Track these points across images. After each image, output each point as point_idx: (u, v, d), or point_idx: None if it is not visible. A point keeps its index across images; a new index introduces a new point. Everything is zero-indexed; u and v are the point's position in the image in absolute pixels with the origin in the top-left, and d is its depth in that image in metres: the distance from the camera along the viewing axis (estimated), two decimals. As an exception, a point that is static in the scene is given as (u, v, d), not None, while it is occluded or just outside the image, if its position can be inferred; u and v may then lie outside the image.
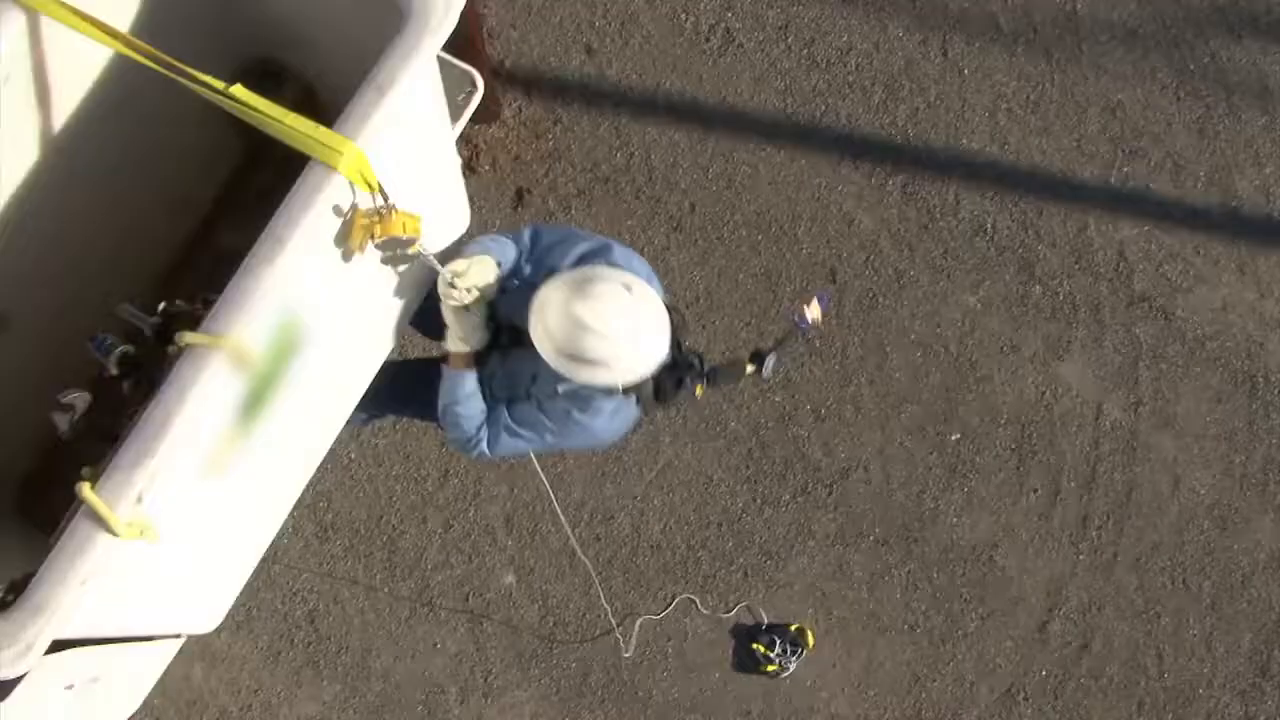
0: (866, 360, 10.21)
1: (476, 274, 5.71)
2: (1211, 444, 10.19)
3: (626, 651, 9.87)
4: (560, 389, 5.72)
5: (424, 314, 6.34)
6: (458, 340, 6.03)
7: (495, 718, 10.04)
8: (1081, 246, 10.29)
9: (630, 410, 6.00)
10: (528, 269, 5.98)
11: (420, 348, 8.76)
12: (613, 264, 5.78)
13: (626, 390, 5.69)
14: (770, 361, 6.49)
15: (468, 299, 5.72)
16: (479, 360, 6.00)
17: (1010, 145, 10.42)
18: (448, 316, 5.90)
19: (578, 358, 5.38)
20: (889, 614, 10.08)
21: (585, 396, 5.72)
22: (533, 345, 5.47)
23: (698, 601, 10.00)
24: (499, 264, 5.83)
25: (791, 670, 9.95)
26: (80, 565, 5.26)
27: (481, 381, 6.01)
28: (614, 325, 5.29)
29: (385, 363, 6.54)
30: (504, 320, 5.88)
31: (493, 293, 5.73)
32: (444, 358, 6.14)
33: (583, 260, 5.87)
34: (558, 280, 5.47)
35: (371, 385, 6.63)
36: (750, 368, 6.52)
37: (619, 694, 10.05)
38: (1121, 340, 10.23)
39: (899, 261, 10.29)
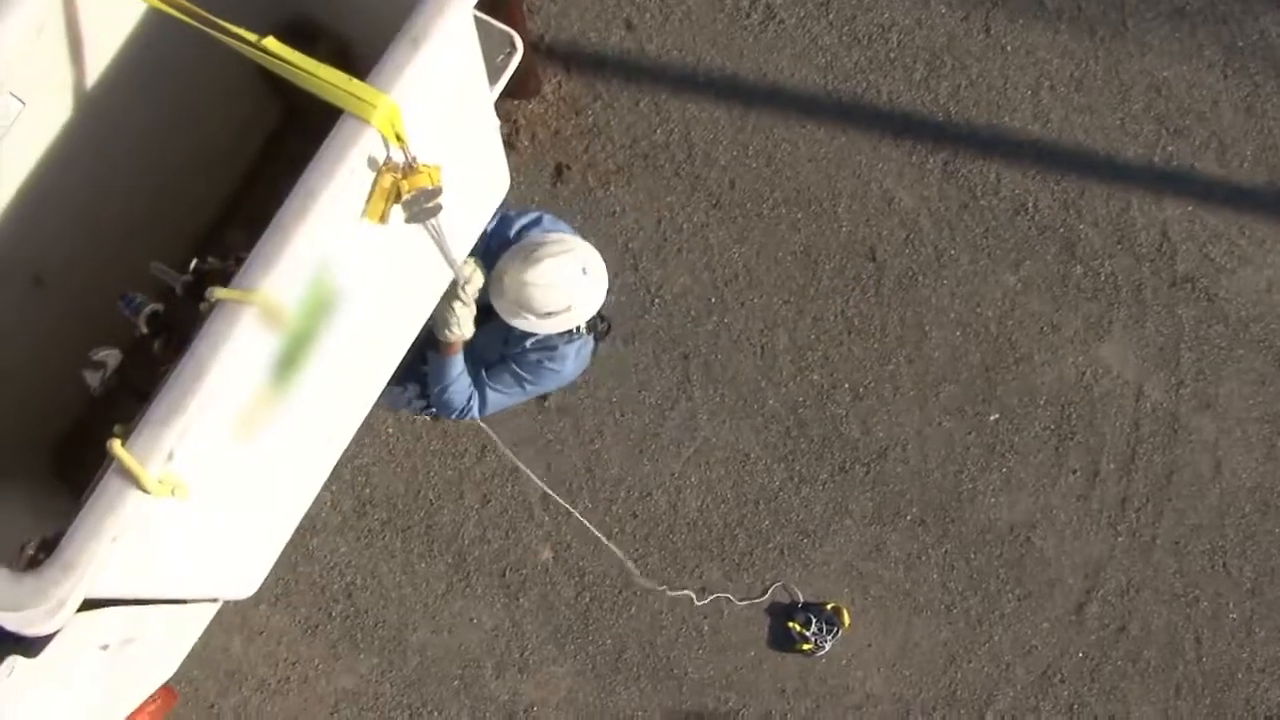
0: (906, 339, 10.16)
1: (479, 277, 6.35)
2: (1254, 427, 10.09)
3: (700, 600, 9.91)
4: (529, 344, 6.53)
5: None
6: (453, 331, 6.56)
7: (531, 692, 10.05)
8: (1124, 226, 10.20)
9: (589, 346, 6.86)
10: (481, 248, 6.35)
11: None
12: (546, 230, 6.55)
13: (583, 330, 6.56)
14: None
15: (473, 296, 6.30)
16: None
17: (1053, 123, 10.33)
18: (453, 314, 6.48)
19: (538, 313, 6.21)
20: (925, 594, 10.03)
21: (551, 345, 6.50)
22: (497, 316, 6.32)
23: (733, 598, 10.05)
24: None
25: (827, 649, 9.92)
26: (111, 522, 5.27)
27: None
28: (560, 276, 6.15)
29: None
30: None
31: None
32: (428, 345, 6.67)
33: (523, 232, 6.59)
34: (506, 255, 6.24)
35: None
36: None
37: (654, 670, 10.05)
38: (1163, 321, 10.14)
39: (939, 240, 10.23)
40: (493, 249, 6.47)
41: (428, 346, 6.71)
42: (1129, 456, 10.02)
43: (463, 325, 6.51)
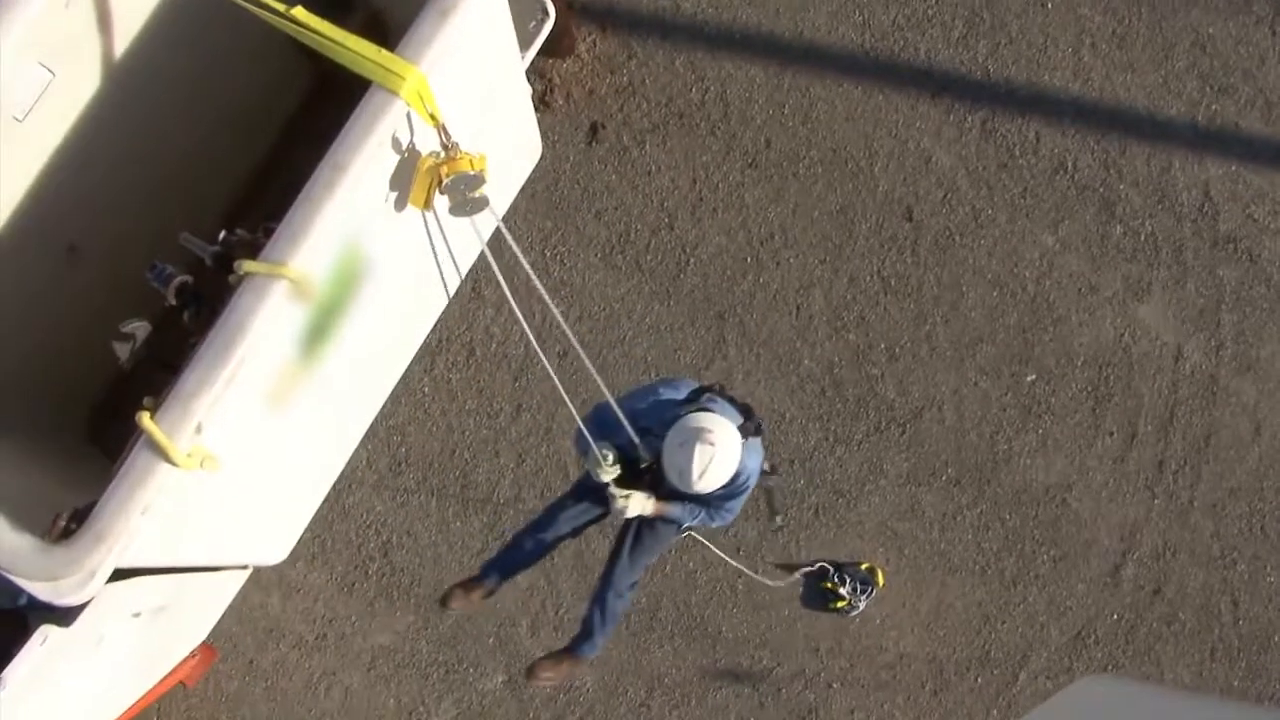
0: (942, 299, 10.09)
1: (633, 504, 6.98)
2: (1296, 389, 10.00)
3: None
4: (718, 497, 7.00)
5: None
6: (645, 507, 7.06)
7: (565, 650, 10.11)
8: (1165, 186, 10.07)
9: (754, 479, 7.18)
10: (637, 438, 6.83)
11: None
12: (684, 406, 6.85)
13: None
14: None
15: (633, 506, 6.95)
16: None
17: (1094, 82, 10.19)
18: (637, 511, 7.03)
19: (717, 488, 6.65)
20: (960, 554, 10.01)
21: (733, 492, 6.95)
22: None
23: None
24: (609, 457, 6.81)
25: (861, 609, 9.93)
26: (140, 494, 5.34)
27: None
28: (722, 467, 6.52)
29: None
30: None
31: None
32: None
33: (665, 408, 6.87)
34: (668, 456, 6.51)
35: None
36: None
37: (689, 629, 10.10)
38: (1204, 282, 10.02)
39: (977, 200, 10.14)
40: (642, 425, 6.83)
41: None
42: (1167, 418, 9.95)
43: (631, 510, 7.00)
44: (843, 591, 9.93)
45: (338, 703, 10.19)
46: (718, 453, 6.44)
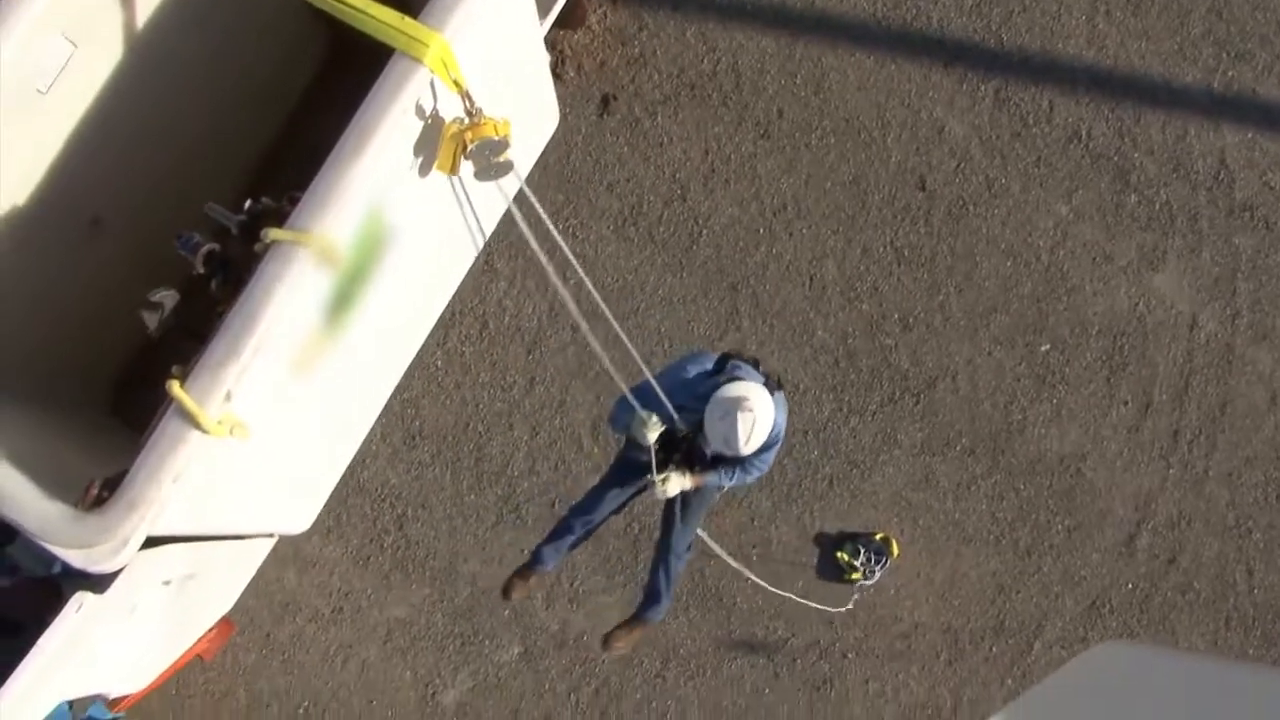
0: (955, 269, 10.08)
1: (673, 484, 7.24)
2: (1310, 357, 10.00)
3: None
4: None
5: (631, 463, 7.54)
6: (684, 483, 7.31)
7: (581, 622, 10.14)
8: (1180, 154, 10.05)
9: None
10: (675, 412, 7.07)
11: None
12: (716, 376, 7.05)
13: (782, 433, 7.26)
14: None
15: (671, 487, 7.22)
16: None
17: (1108, 49, 10.16)
18: (676, 490, 7.28)
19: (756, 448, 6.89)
20: (974, 524, 10.02)
21: (767, 445, 7.06)
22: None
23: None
24: (653, 425, 6.97)
25: (875, 579, 9.94)
26: (171, 462, 5.35)
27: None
28: (761, 426, 6.74)
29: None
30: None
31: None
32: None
33: (696, 383, 7.07)
34: (710, 422, 6.76)
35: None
36: None
37: (703, 600, 10.11)
38: (1220, 251, 10.01)
39: (990, 169, 10.12)
40: (677, 403, 7.06)
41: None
42: (1182, 388, 9.95)
43: (671, 491, 7.25)
44: (856, 563, 9.92)
45: (354, 675, 10.20)
46: (758, 417, 6.71)
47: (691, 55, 10.33)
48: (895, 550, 9.96)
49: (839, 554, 9.97)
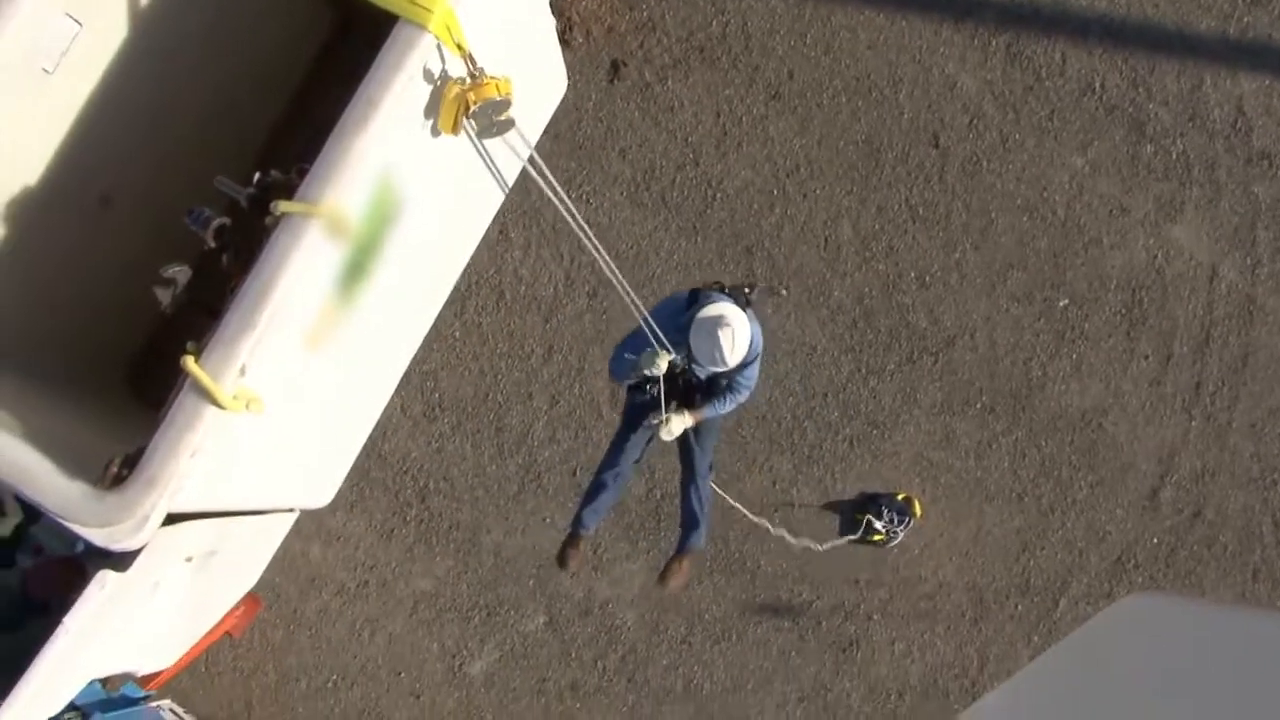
0: (971, 226, 10.02)
1: (675, 425, 7.57)
2: (1332, 305, 9.92)
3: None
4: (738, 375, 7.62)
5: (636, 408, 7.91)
6: (686, 421, 7.63)
7: (605, 590, 10.16)
8: (1196, 103, 9.96)
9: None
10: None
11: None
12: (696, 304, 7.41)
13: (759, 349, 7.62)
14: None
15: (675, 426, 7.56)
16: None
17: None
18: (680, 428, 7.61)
19: (738, 362, 7.26)
20: (996, 482, 10.00)
21: (747, 360, 7.45)
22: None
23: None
24: (662, 355, 7.34)
25: (899, 539, 9.93)
26: (189, 438, 5.35)
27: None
28: (740, 341, 7.14)
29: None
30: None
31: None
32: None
33: (676, 317, 7.38)
34: (696, 343, 7.14)
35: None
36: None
37: (727, 565, 10.12)
38: (1238, 200, 9.92)
39: (1003, 124, 10.04)
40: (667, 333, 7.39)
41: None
42: (1203, 340, 9.88)
43: (675, 431, 7.56)
44: (879, 524, 9.91)
45: (381, 648, 10.25)
46: (736, 329, 7.13)
47: (700, 18, 10.27)
48: (918, 510, 9.94)
49: (861, 515, 9.95)
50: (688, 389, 7.72)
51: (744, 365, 7.44)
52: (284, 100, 7.63)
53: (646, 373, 7.36)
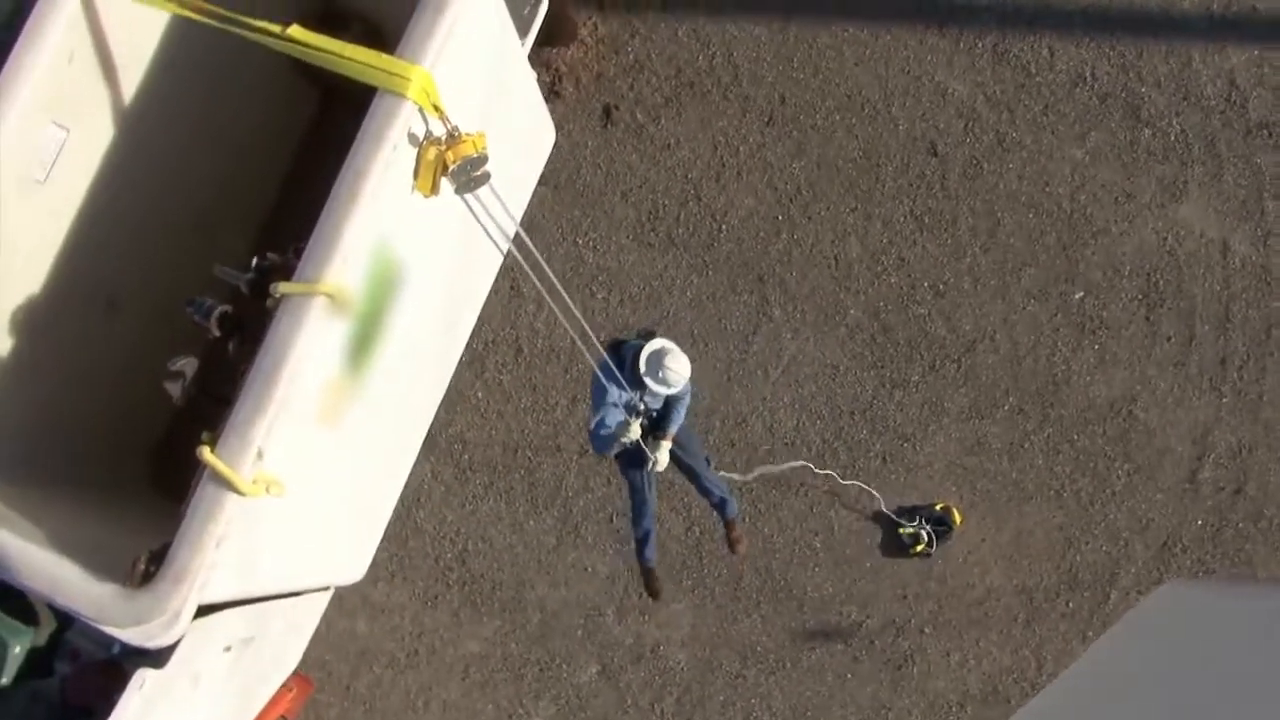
0: (978, 229, 10.00)
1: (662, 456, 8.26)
2: (1350, 266, 9.83)
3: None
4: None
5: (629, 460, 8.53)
6: (667, 447, 8.29)
7: (654, 632, 10.12)
8: (1188, 81, 9.93)
9: None
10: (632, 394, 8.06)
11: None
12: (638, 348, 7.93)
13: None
14: None
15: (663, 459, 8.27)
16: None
17: (1101, -14, 10.07)
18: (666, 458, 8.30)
19: (682, 383, 7.87)
20: (1033, 481, 9.93)
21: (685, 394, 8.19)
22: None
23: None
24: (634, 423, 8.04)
25: (942, 548, 9.85)
26: (213, 528, 5.38)
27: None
28: (680, 363, 7.77)
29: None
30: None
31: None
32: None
33: (621, 372, 7.95)
34: (646, 373, 7.69)
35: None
36: None
37: (774, 594, 10.07)
38: (1242, 173, 9.87)
39: (999, 125, 10.04)
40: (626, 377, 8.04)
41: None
42: (1223, 316, 9.81)
43: (663, 460, 8.23)
44: (920, 535, 9.86)
45: (437, 716, 10.24)
46: (673, 350, 7.79)
47: (686, 54, 10.33)
48: (957, 518, 9.88)
49: (901, 529, 9.90)
50: (651, 422, 8.29)
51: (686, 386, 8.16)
52: (278, 180, 7.71)
53: (625, 441, 7.99)
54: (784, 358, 10.11)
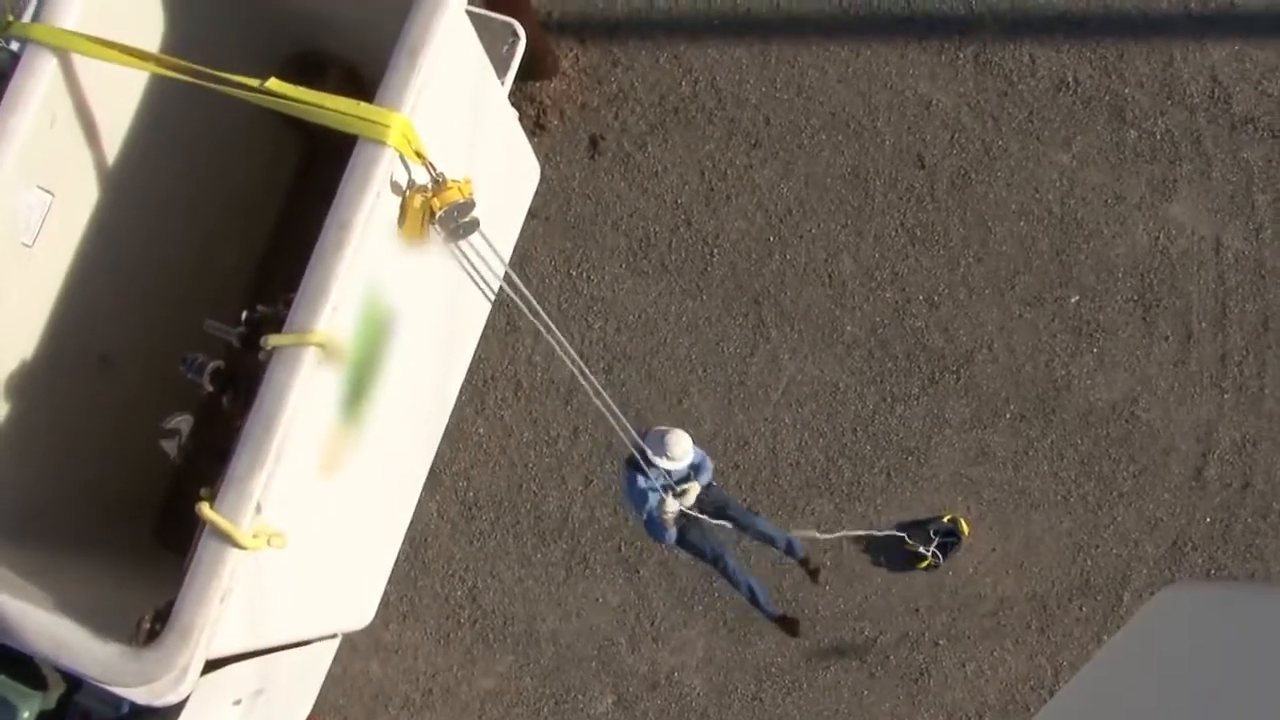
0: (970, 239, 10.01)
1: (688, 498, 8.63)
2: (1344, 256, 9.82)
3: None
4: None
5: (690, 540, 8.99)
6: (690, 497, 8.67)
7: (669, 659, 10.11)
8: (1170, 80, 9.95)
9: None
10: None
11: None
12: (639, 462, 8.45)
13: None
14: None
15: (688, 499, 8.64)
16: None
17: (1078, -9, 10.09)
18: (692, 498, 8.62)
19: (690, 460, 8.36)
20: (1039, 489, 9.91)
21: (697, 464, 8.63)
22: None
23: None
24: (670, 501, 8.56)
25: (950, 561, 9.84)
26: (215, 584, 5.39)
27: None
28: (684, 440, 8.23)
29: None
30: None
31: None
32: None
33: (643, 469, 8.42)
34: (654, 454, 8.17)
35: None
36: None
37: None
38: (1230, 168, 9.88)
39: (985, 134, 10.06)
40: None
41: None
42: (1219, 312, 9.81)
43: (688, 499, 8.54)
44: (929, 549, 9.83)
45: (456, 755, 10.23)
46: (670, 430, 8.31)
47: (669, 80, 10.36)
48: (965, 529, 9.86)
49: (908, 543, 9.88)
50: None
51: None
52: (266, 232, 7.73)
53: (669, 515, 8.50)
54: (783, 378, 10.11)
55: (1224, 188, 9.84)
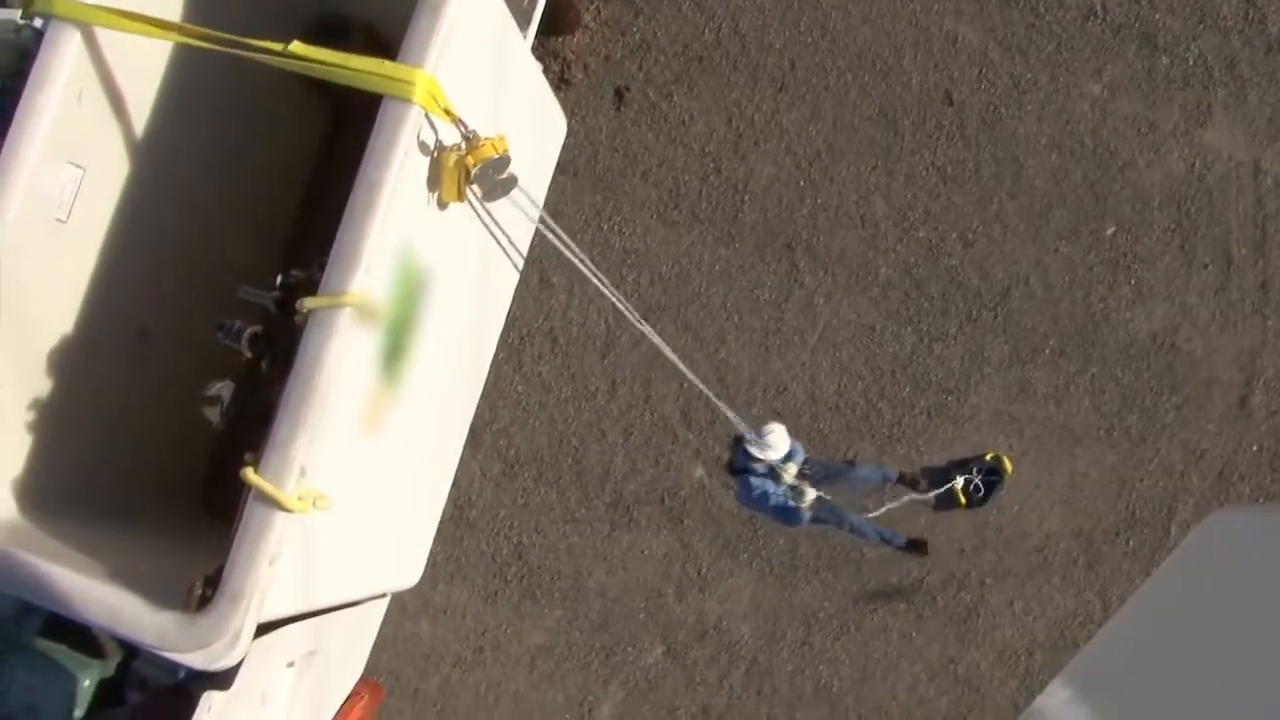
0: (1002, 175, 9.92)
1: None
2: (1383, 175, 9.68)
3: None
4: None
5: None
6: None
7: (716, 608, 10.13)
8: (1202, 4, 9.79)
9: None
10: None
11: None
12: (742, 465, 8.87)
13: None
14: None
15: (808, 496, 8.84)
16: None
17: (1104, -82, 9.94)
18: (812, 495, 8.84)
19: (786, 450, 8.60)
20: (1081, 423, 9.85)
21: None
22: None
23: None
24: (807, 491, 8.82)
25: (994, 499, 9.80)
26: (264, 548, 5.43)
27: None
28: (781, 435, 8.49)
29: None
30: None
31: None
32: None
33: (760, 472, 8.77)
34: (756, 450, 8.51)
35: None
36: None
37: (831, 560, 10.05)
38: (1266, 91, 9.73)
39: (1013, 68, 9.94)
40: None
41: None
42: (1259, 238, 9.69)
43: (809, 496, 8.72)
44: (971, 489, 9.80)
45: (509, 710, 10.29)
46: (772, 425, 8.53)
47: (692, 29, 10.28)
48: (1009, 467, 9.81)
49: (952, 483, 9.84)
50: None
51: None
52: (297, 197, 7.74)
53: (794, 499, 8.69)
54: (819, 322, 10.07)
55: (1261, 110, 9.70)
